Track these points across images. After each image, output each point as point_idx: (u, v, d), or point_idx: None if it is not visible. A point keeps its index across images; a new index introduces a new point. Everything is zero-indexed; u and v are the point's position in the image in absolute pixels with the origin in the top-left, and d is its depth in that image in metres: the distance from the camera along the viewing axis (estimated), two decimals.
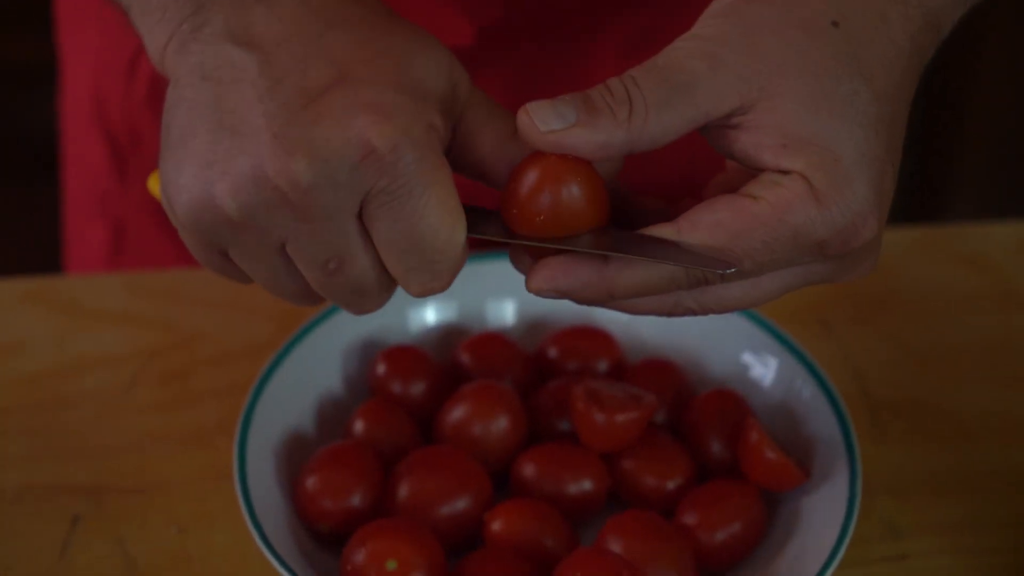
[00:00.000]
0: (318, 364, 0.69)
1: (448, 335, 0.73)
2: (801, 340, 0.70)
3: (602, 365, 0.70)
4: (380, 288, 0.54)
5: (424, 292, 0.53)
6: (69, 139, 0.92)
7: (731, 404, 0.67)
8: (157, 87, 0.81)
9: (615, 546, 0.60)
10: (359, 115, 0.50)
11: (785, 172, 0.51)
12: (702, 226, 0.51)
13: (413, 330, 0.72)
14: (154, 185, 0.58)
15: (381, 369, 0.69)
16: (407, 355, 0.69)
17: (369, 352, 0.71)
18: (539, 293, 0.53)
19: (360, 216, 0.52)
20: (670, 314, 0.54)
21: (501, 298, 0.73)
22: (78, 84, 0.89)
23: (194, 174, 0.51)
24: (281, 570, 0.57)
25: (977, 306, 0.80)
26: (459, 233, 0.52)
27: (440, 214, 0.51)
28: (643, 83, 0.51)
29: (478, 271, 0.72)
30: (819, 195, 0.50)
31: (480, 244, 0.70)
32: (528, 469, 0.64)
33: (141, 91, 0.82)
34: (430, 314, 0.73)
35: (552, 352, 0.71)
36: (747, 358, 0.70)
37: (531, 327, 0.73)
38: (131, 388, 0.74)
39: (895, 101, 0.53)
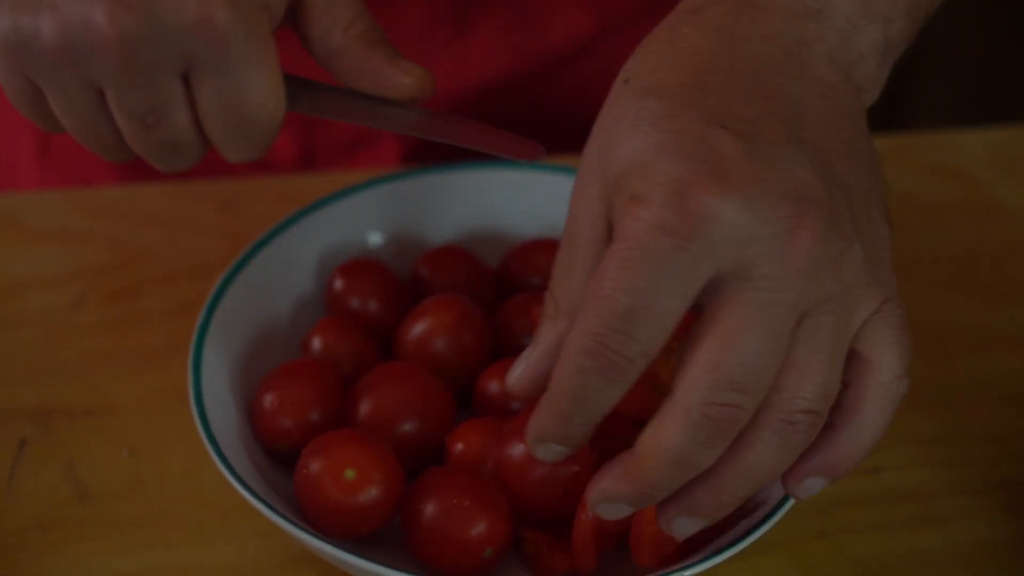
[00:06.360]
0: (272, 281, 0.67)
1: (407, 249, 0.71)
2: None
3: None
4: (196, 148, 0.56)
5: (241, 160, 0.56)
6: None
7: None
8: None
9: None
10: None
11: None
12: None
13: (371, 244, 0.70)
14: None
15: (338, 284, 0.66)
16: (365, 269, 0.67)
17: (325, 268, 0.69)
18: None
19: (185, 77, 0.53)
20: None
21: (462, 210, 0.71)
22: None
23: (24, 1, 0.53)
24: (240, 489, 0.55)
25: (950, 216, 0.79)
26: (280, 111, 0.55)
27: (264, 93, 0.54)
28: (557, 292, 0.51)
29: (437, 183, 0.70)
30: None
31: (439, 155, 0.68)
32: (492, 386, 0.62)
33: None
34: (388, 228, 0.70)
35: (515, 266, 0.68)
36: None
37: (492, 240, 0.71)
38: (76, 308, 0.71)
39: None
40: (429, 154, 0.84)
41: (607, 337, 0.47)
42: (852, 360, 0.49)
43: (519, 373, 0.52)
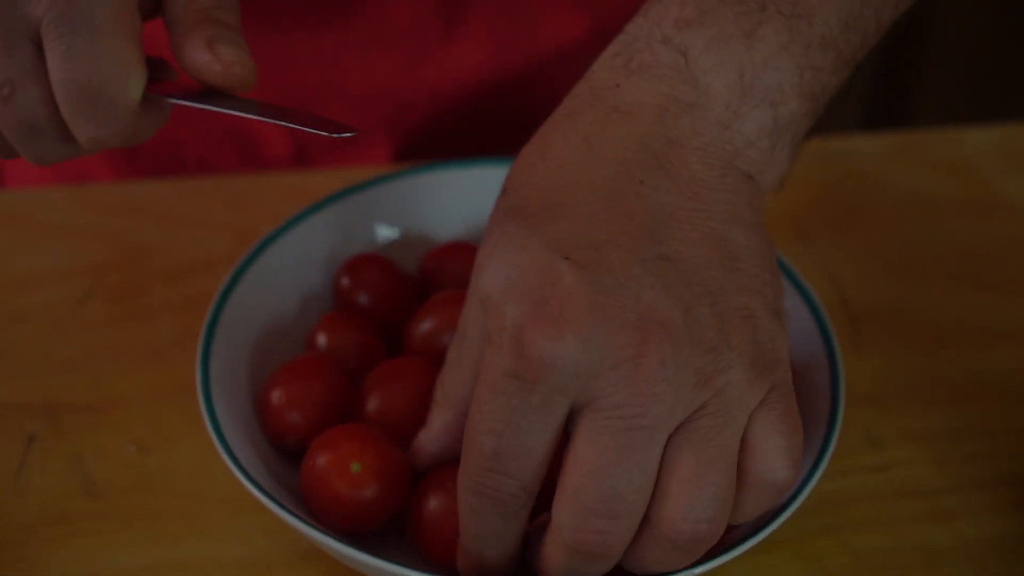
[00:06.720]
0: (280, 277, 0.67)
1: (415, 245, 0.71)
2: (778, 249, 0.68)
3: None
4: (53, 130, 0.52)
5: (91, 142, 0.51)
6: None
7: None
8: None
9: None
10: None
11: None
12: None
13: (379, 240, 0.70)
14: None
15: (346, 280, 0.66)
16: (372, 264, 0.67)
17: (332, 265, 0.69)
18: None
19: (40, 47, 0.50)
20: None
21: (470, 206, 0.71)
22: None
23: None
24: (248, 485, 0.55)
25: (954, 212, 0.79)
26: (133, 88, 0.50)
27: (111, 64, 0.49)
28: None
29: (445, 179, 0.70)
30: None
31: (429, 154, 0.68)
32: None
33: None
34: (396, 224, 0.71)
35: None
36: None
37: None
38: (83, 304, 0.71)
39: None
40: (420, 153, 0.84)
41: (483, 477, 0.49)
42: (742, 450, 0.49)
43: (413, 450, 0.57)
